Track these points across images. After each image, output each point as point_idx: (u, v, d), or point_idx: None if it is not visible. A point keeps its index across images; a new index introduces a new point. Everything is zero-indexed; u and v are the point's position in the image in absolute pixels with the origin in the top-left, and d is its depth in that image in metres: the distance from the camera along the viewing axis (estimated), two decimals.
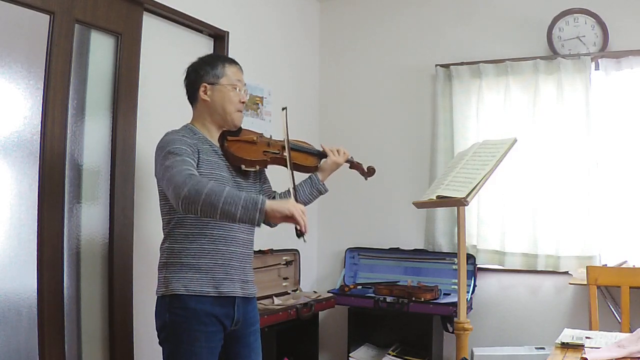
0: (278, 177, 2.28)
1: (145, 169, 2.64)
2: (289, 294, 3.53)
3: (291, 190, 2.01)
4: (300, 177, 2.23)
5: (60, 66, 2.22)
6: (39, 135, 2.15)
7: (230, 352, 2.04)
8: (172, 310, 1.91)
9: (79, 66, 2.37)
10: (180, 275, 1.92)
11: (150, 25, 2.70)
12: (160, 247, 2.02)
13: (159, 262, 2.00)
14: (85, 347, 2.37)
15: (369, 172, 2.33)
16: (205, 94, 2.04)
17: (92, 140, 2.42)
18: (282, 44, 3.80)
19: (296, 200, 1.92)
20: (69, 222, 2.29)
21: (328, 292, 3.65)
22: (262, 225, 1.82)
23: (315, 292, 3.66)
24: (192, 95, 2.09)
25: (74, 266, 2.33)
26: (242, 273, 2.03)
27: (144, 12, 2.63)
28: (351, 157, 2.31)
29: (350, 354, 3.53)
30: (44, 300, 2.13)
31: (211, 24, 3.04)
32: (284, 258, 3.57)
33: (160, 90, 2.76)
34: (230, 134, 2.10)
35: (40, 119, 2.16)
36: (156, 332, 1.98)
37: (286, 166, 2.08)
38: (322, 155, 2.27)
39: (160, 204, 2.02)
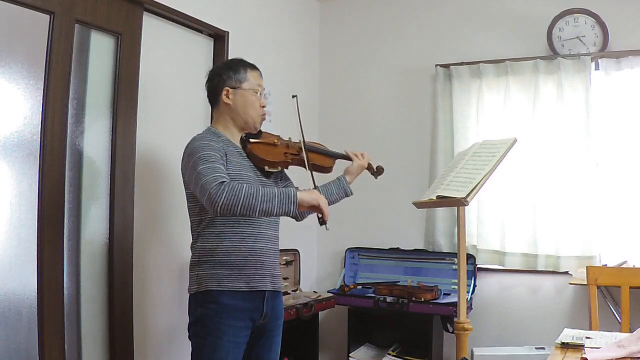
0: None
1: (145, 169, 2.63)
2: (289, 294, 3.53)
3: (312, 188, 2.12)
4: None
5: (60, 66, 2.22)
6: (39, 135, 2.15)
7: (255, 343, 2.11)
8: (204, 305, 2.00)
9: (79, 66, 2.36)
10: (213, 272, 2.01)
11: (150, 25, 2.70)
12: (192, 247, 2.10)
13: (191, 261, 2.09)
14: (85, 347, 2.37)
15: (379, 171, 2.43)
16: (228, 97, 2.12)
17: (92, 140, 2.42)
18: (282, 44, 3.80)
19: None
20: (69, 222, 2.29)
21: (328, 292, 3.64)
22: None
23: (315, 292, 3.66)
24: (214, 98, 2.17)
25: (74, 266, 2.33)
26: (271, 267, 2.12)
27: (144, 12, 2.63)
28: None
29: (350, 354, 3.53)
30: (44, 300, 2.13)
31: (211, 24, 3.04)
32: (284, 258, 3.56)
33: (160, 90, 2.76)
34: (252, 137, 2.18)
35: (40, 119, 2.15)
36: (187, 329, 2.07)
37: (305, 167, 2.18)
38: (338, 156, 2.37)
39: (189, 206, 2.10)
